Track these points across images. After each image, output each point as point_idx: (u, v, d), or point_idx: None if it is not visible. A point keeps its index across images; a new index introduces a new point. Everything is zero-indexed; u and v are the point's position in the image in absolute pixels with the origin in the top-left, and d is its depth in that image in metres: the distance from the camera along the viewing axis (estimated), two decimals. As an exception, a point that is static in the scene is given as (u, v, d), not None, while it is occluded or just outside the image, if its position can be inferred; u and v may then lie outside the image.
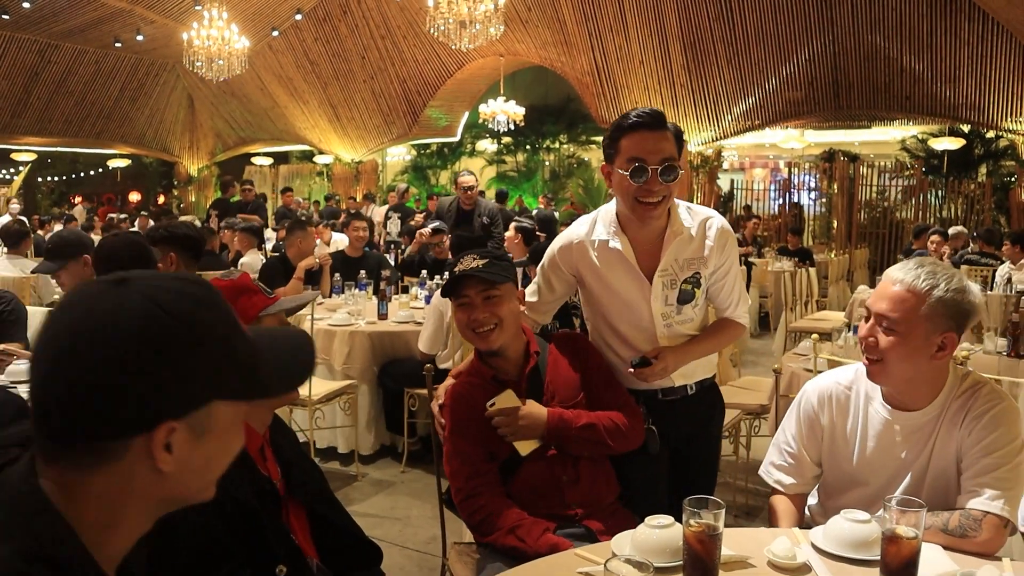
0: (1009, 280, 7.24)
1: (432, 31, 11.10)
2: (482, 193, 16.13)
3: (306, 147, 19.62)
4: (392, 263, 7.52)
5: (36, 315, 3.38)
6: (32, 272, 4.67)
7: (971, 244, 9.49)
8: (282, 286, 5.10)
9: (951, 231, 9.70)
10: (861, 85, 13.62)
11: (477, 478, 2.05)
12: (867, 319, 1.81)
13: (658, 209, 2.14)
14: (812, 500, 2.04)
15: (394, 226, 11.06)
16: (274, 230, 10.50)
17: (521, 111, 15.94)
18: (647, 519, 1.58)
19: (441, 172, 22.84)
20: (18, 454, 0.93)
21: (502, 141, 21.90)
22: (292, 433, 1.76)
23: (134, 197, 23.02)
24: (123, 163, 21.64)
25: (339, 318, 4.55)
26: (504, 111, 15.67)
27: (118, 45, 15.68)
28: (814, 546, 1.60)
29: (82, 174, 23.88)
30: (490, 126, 16.36)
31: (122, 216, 14.43)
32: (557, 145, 21.94)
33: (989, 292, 6.73)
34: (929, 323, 1.71)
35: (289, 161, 23.13)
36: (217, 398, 0.90)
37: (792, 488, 1.97)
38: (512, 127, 16.27)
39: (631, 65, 14.60)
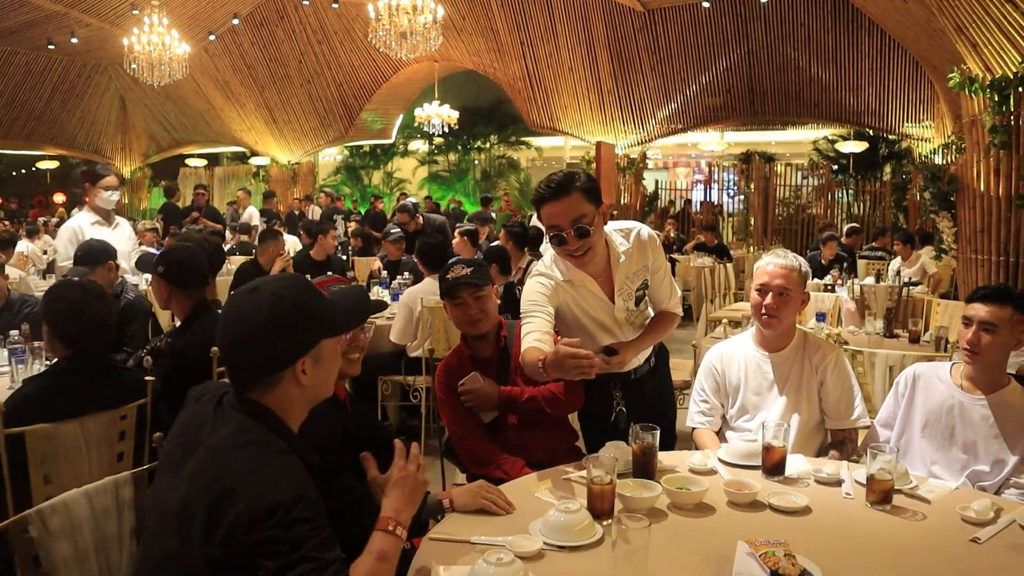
0: (899, 273, 8.23)
1: (373, 42, 11.60)
2: (404, 193, 16.59)
3: (238, 148, 19.80)
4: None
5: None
6: (64, 276, 5.10)
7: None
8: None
9: (846, 228, 10.81)
10: (774, 92, 14.69)
11: (466, 426, 2.72)
12: (761, 293, 2.65)
13: (587, 256, 2.48)
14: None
15: (339, 228, 11.64)
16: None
17: (455, 115, 16.47)
18: (606, 444, 2.27)
19: (373, 172, 23.22)
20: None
21: (434, 142, 22.41)
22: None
23: (59, 199, 22.74)
24: (51, 164, 21.40)
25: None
26: (439, 114, 16.20)
27: (51, 47, 15.67)
28: (719, 459, 2.31)
29: (5, 176, 23.49)
30: (425, 129, 16.87)
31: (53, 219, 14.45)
32: (488, 146, 22.53)
33: (880, 283, 7.68)
34: (799, 286, 2.65)
35: (221, 163, 23.19)
36: (322, 338, 1.58)
37: (710, 424, 2.76)
38: (447, 130, 16.83)
39: (561, 72, 15.33)
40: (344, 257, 9.19)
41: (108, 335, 2.64)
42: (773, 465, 2.17)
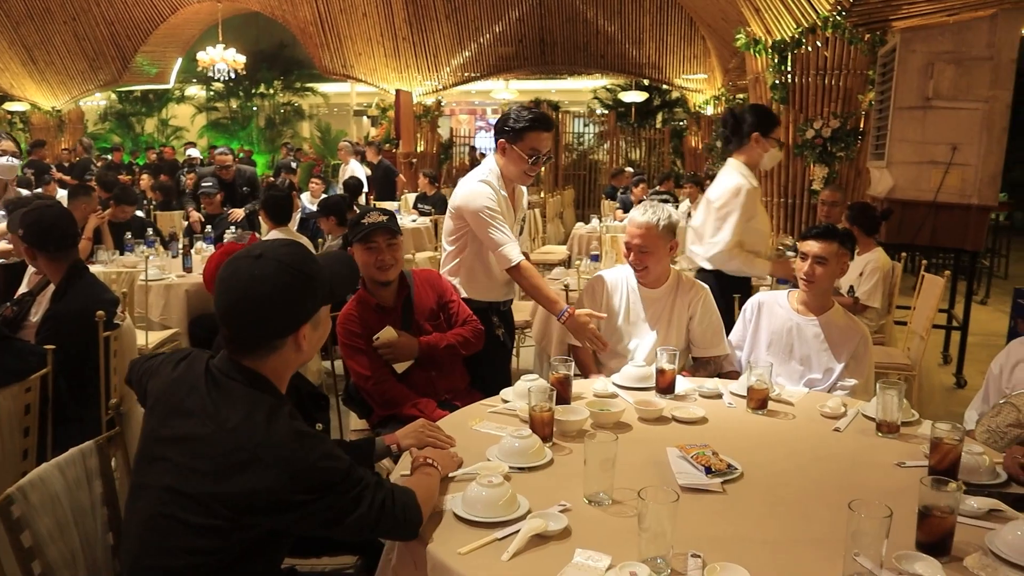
0: (689, 215, 9.08)
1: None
2: (192, 144, 15.74)
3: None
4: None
5: None
6: None
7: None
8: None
9: (627, 170, 11.69)
10: (564, 43, 15.35)
11: (380, 371, 2.88)
12: (628, 248, 3.03)
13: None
14: None
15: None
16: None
17: (242, 59, 15.68)
18: (523, 377, 2.52)
19: (146, 120, 21.61)
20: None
21: (213, 87, 21.18)
22: None
23: None
24: None
25: (152, 273, 4.91)
26: (224, 59, 15.35)
27: None
28: (615, 383, 2.65)
29: None
30: (209, 74, 15.92)
31: None
32: (272, 92, 21.65)
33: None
34: (660, 239, 2.98)
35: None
36: (321, 305, 1.63)
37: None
38: (232, 75, 15.98)
39: (354, 17, 15.03)
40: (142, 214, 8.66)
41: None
42: (667, 385, 2.54)
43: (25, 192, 7.70)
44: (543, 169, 17.81)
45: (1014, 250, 11.19)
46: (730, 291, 3.56)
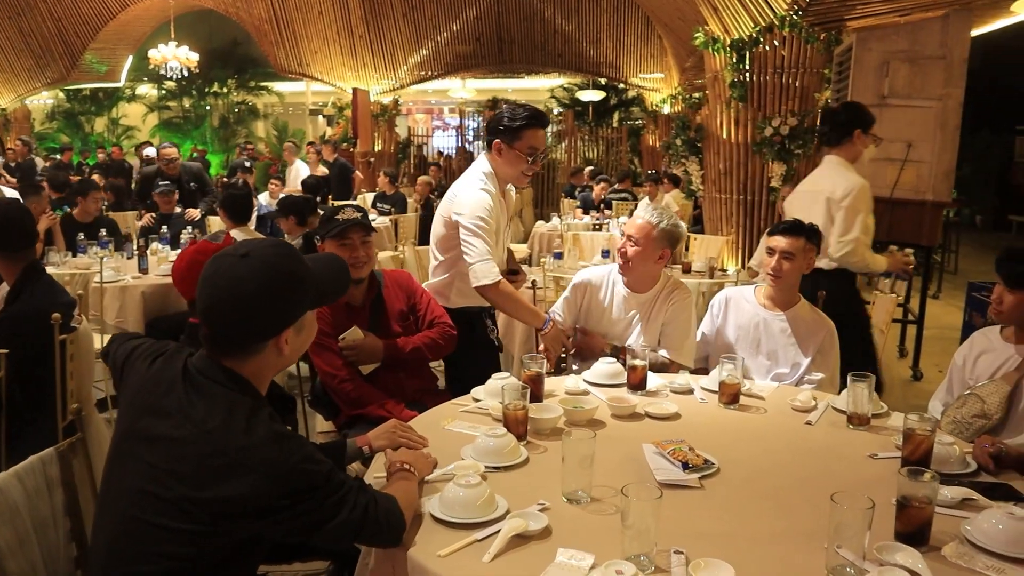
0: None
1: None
2: (149, 143, 15.42)
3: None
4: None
5: None
6: None
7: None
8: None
9: (585, 169, 11.76)
10: (522, 42, 15.35)
11: (346, 369, 2.82)
12: (622, 236, 3.00)
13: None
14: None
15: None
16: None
17: (195, 57, 15.40)
18: (494, 375, 2.49)
19: (96, 119, 21.13)
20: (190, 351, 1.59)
21: (165, 86, 20.78)
22: None
23: None
24: None
25: (107, 275, 4.77)
26: (177, 57, 15.05)
27: None
28: (587, 380, 2.63)
29: None
30: (161, 72, 15.58)
31: None
32: (226, 91, 21.31)
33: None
34: (656, 242, 2.93)
35: None
36: (307, 309, 1.59)
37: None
38: (185, 73, 15.68)
39: (310, 15, 14.85)
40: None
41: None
42: (639, 381, 2.53)
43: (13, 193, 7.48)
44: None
45: (963, 246, 11.47)
46: (851, 291, 3.71)
